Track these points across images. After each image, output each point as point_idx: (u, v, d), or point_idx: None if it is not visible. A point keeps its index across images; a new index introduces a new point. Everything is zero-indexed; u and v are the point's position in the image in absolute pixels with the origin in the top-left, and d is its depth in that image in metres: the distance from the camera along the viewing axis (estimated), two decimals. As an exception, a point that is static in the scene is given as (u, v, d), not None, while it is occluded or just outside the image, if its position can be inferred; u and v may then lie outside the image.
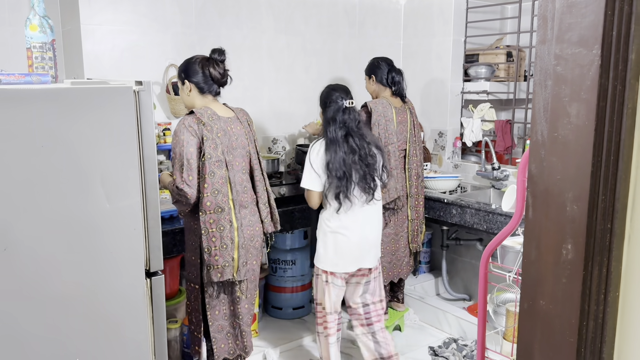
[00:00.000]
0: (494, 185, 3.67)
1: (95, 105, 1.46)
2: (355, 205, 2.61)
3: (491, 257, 1.72)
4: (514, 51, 3.92)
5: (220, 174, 2.29)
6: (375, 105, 3.13)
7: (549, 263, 0.98)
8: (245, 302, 2.51)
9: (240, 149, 2.42)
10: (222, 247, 2.31)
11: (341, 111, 2.59)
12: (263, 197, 2.52)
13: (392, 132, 3.15)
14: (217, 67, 2.39)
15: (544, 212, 0.98)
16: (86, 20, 2.92)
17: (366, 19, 4.05)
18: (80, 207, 1.48)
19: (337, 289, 2.74)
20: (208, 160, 2.26)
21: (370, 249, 2.72)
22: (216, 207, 2.29)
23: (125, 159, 1.52)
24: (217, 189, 2.28)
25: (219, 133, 2.30)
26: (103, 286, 1.56)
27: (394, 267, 3.30)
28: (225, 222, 2.30)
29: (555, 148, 0.95)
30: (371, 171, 2.61)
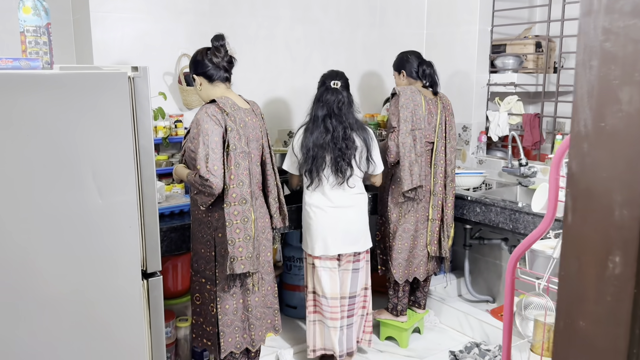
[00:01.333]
0: (520, 183, 3.49)
1: (87, 92, 1.35)
2: (325, 186, 2.73)
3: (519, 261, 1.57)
4: (544, 41, 3.73)
5: (245, 165, 2.26)
6: (404, 90, 3.02)
7: (592, 277, 0.82)
8: (256, 295, 2.45)
9: (255, 142, 2.38)
10: (246, 238, 2.26)
11: (326, 91, 2.72)
12: (273, 192, 2.47)
13: (420, 117, 3.02)
14: (218, 53, 2.33)
15: (587, 216, 0.82)
16: (95, 8, 2.82)
17: (387, 7, 3.89)
18: (70, 203, 1.37)
19: (329, 271, 2.81)
20: (233, 151, 2.22)
21: (352, 235, 2.79)
22: (241, 198, 2.25)
23: (119, 150, 1.41)
24: (241, 180, 2.24)
25: (241, 124, 2.28)
26: (96, 288, 1.45)
27: (410, 265, 3.15)
28: (248, 214, 2.27)
29: (602, 140, 0.79)
30: (346, 156, 2.68)
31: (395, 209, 3.08)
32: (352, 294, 2.90)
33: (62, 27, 2.99)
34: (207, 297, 2.43)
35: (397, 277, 3.12)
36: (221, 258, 2.32)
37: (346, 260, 2.87)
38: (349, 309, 2.91)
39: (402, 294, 3.20)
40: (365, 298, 2.98)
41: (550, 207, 1.44)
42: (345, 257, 2.87)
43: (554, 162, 1.42)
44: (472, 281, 3.80)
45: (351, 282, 2.89)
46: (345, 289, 2.89)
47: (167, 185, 2.94)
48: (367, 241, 2.91)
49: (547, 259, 1.56)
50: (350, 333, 2.93)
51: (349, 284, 2.89)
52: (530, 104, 4.22)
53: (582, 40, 0.82)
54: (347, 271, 2.88)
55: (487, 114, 3.87)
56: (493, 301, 3.73)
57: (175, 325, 2.90)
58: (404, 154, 2.95)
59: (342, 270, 2.88)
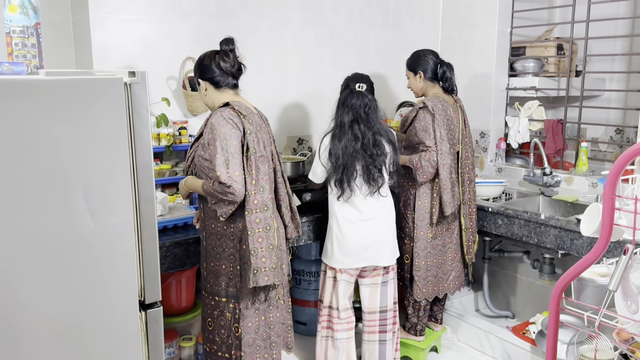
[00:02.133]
0: (543, 193, 3.30)
1: (77, 100, 1.18)
2: (357, 196, 2.58)
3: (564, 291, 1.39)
4: (566, 43, 3.55)
5: (264, 169, 2.13)
6: (435, 104, 2.78)
7: None
8: (277, 311, 2.29)
9: (266, 147, 2.23)
10: (269, 247, 2.10)
11: (351, 95, 2.55)
12: (285, 200, 2.31)
13: (454, 132, 2.85)
14: (227, 58, 2.19)
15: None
16: (95, 9, 2.66)
17: (402, 8, 3.72)
18: (58, 226, 1.20)
19: (346, 284, 2.69)
20: (253, 154, 2.08)
21: (381, 245, 2.64)
22: (263, 205, 2.10)
23: (113, 167, 1.24)
24: (262, 185, 2.10)
25: (258, 128, 2.16)
26: (89, 321, 1.28)
27: (440, 282, 2.97)
28: (270, 221, 2.12)
29: None
30: (377, 163, 2.55)
31: (426, 228, 2.88)
32: (382, 308, 2.76)
33: (61, 29, 2.83)
34: (227, 319, 2.22)
35: (426, 296, 2.93)
36: (245, 272, 2.15)
37: (374, 274, 2.72)
38: (380, 324, 2.77)
39: (422, 313, 3.01)
40: (396, 313, 2.82)
41: (605, 231, 1.26)
42: (372, 271, 2.72)
43: (610, 180, 1.24)
44: (491, 295, 3.61)
45: (381, 295, 2.75)
46: (375, 303, 2.75)
47: (170, 196, 2.78)
48: (396, 251, 2.76)
49: (597, 288, 1.38)
50: (384, 349, 2.79)
51: (379, 298, 2.75)
52: (552, 109, 4.04)
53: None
54: (377, 285, 2.74)
55: (506, 119, 3.69)
56: (513, 317, 3.54)
57: (178, 345, 2.74)
58: (445, 177, 2.76)
59: (371, 284, 2.74)
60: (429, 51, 2.92)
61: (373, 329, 2.79)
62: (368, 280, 2.74)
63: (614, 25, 3.64)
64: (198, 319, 2.93)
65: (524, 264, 3.42)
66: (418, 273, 2.90)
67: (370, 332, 2.80)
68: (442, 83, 2.88)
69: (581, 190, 3.20)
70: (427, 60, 2.87)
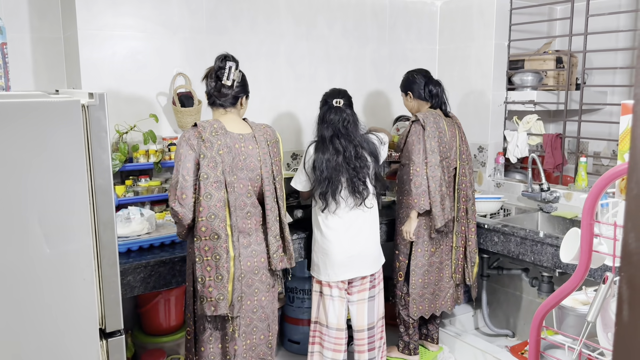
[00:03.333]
0: (542, 209, 3.22)
1: (31, 124, 1.14)
2: (342, 208, 2.59)
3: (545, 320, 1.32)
4: (565, 56, 3.48)
5: (219, 196, 2.02)
6: (427, 117, 2.78)
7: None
8: (239, 343, 2.15)
9: (247, 171, 2.12)
10: (217, 278, 2.02)
11: (329, 111, 2.58)
12: (273, 229, 2.17)
13: (446, 145, 2.83)
14: (210, 79, 2.16)
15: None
16: (84, 25, 2.65)
17: (397, 22, 3.68)
18: (12, 252, 1.16)
19: (336, 301, 2.66)
20: (204, 180, 2.01)
21: (367, 255, 2.65)
22: (212, 233, 2.02)
23: (70, 191, 1.20)
24: (213, 212, 2.01)
25: (220, 150, 2.04)
26: (46, 351, 1.24)
27: (436, 299, 2.93)
28: (221, 251, 2.02)
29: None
30: (360, 175, 2.56)
31: (422, 245, 2.84)
32: (370, 324, 2.74)
33: (52, 46, 2.82)
34: (187, 339, 2.24)
35: (423, 313, 2.88)
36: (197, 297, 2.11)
37: (361, 289, 2.70)
38: (369, 341, 2.75)
39: (412, 330, 2.95)
40: (382, 328, 2.82)
41: (583, 258, 1.20)
42: (359, 285, 2.70)
43: (587, 205, 1.18)
44: (490, 313, 3.52)
45: (368, 312, 2.73)
46: (363, 320, 2.73)
47: (159, 214, 2.74)
48: (380, 259, 2.76)
49: (578, 317, 1.32)
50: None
51: (366, 314, 2.73)
52: (551, 123, 3.97)
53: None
54: (363, 301, 2.72)
55: (505, 133, 3.63)
56: (513, 335, 3.45)
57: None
58: (435, 189, 2.73)
59: (357, 301, 2.71)
60: (419, 71, 2.96)
61: (363, 348, 2.75)
62: (355, 297, 2.71)
63: (615, 37, 3.57)
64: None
65: (523, 282, 3.34)
66: (414, 290, 2.84)
67: (360, 352, 2.76)
68: (431, 100, 2.88)
69: (580, 206, 3.11)
70: (416, 81, 2.91)
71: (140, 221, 2.48)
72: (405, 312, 2.93)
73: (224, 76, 2.11)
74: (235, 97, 2.17)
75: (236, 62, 2.15)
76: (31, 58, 2.76)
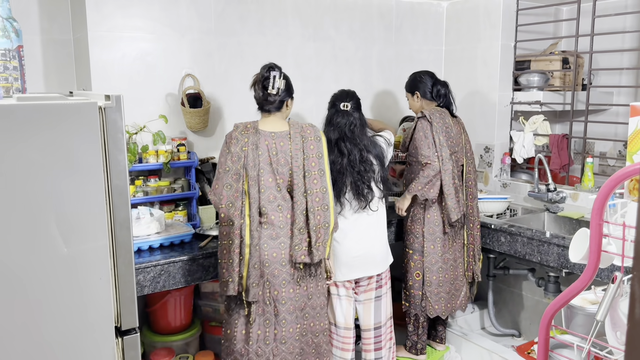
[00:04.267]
0: (548, 209, 3.23)
1: (50, 125, 1.17)
2: (347, 210, 2.61)
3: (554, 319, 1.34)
4: (571, 57, 3.49)
5: (237, 187, 2.23)
6: (433, 113, 2.82)
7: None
8: (261, 329, 2.23)
9: (277, 166, 2.25)
10: (229, 261, 2.21)
11: (336, 114, 2.61)
12: (298, 222, 2.26)
13: (454, 140, 2.86)
14: (258, 88, 2.32)
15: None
16: (94, 27, 2.68)
17: (404, 23, 3.70)
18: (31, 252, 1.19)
19: (343, 300, 2.69)
20: (225, 173, 2.24)
21: (373, 256, 2.67)
22: (228, 219, 2.22)
23: (87, 192, 1.23)
24: (231, 201, 2.22)
25: (245, 147, 2.25)
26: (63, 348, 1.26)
27: (453, 298, 2.94)
28: (234, 236, 2.20)
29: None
30: (365, 179, 2.58)
31: (435, 241, 2.85)
32: (377, 324, 2.76)
33: (61, 48, 2.85)
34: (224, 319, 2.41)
35: (440, 312, 2.90)
36: None
37: (367, 289, 2.73)
38: (376, 341, 2.77)
39: (422, 330, 2.97)
40: (391, 328, 2.83)
41: (592, 258, 1.21)
42: (366, 285, 2.72)
43: (596, 205, 1.19)
44: (497, 313, 3.54)
45: (375, 311, 2.75)
46: (370, 320, 2.75)
47: (168, 213, 2.77)
48: (387, 259, 2.77)
49: (587, 317, 1.33)
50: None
51: (373, 314, 2.75)
52: (557, 123, 3.97)
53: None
54: (370, 301, 2.74)
55: (511, 134, 3.64)
56: (519, 335, 3.46)
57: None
58: (448, 182, 2.76)
59: (364, 300, 2.74)
60: (426, 72, 3.00)
61: (369, 347, 2.77)
62: (362, 297, 2.74)
63: (621, 38, 3.58)
64: (195, 338, 2.90)
65: (529, 282, 3.35)
66: (430, 289, 2.86)
67: (367, 351, 2.78)
68: (438, 100, 2.90)
69: (587, 207, 3.13)
70: (422, 81, 2.95)
71: (149, 221, 2.50)
72: (419, 310, 2.93)
73: (270, 85, 2.27)
74: (281, 101, 2.34)
75: (279, 70, 2.31)
76: (41, 60, 2.79)
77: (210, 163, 2.98)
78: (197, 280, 2.51)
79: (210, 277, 2.54)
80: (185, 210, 2.86)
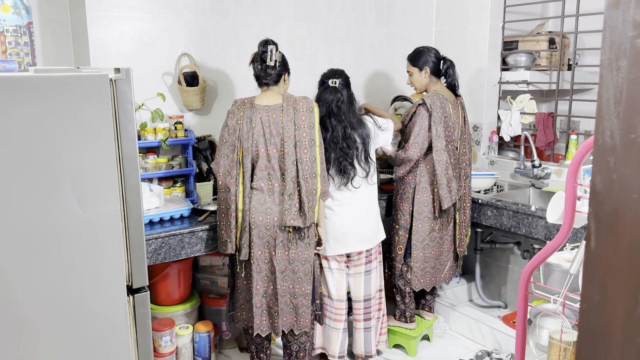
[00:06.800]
0: (534, 185, 3.36)
1: (65, 96, 1.25)
2: (331, 185, 2.69)
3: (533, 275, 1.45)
4: (557, 37, 3.59)
5: (232, 157, 2.44)
6: (433, 102, 2.85)
7: (619, 314, 0.71)
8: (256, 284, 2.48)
9: (270, 137, 2.43)
10: (227, 224, 2.46)
11: (325, 91, 2.70)
12: (288, 188, 2.43)
13: (451, 129, 2.93)
14: (256, 62, 2.47)
15: (613, 243, 0.71)
16: (92, 7, 2.73)
17: (395, 4, 3.77)
18: (49, 215, 1.28)
19: (335, 273, 2.80)
20: (223, 144, 2.47)
21: (361, 234, 2.76)
22: (225, 187, 2.45)
23: (100, 158, 1.32)
24: (227, 170, 2.45)
25: (240, 120, 2.44)
26: (78, 305, 1.36)
27: (437, 272, 3.08)
28: (230, 202, 2.44)
29: (632, 155, 0.68)
30: (348, 156, 2.65)
31: (424, 221, 2.96)
32: (366, 296, 2.88)
33: (59, 27, 2.91)
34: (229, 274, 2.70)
35: (424, 285, 3.04)
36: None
37: (357, 263, 2.85)
38: (365, 312, 2.90)
39: (409, 299, 3.10)
40: (381, 300, 2.97)
41: (567, 218, 1.32)
42: (356, 260, 2.84)
43: (571, 169, 1.30)
44: (484, 286, 3.67)
45: (364, 284, 2.87)
46: (360, 292, 2.87)
47: (166, 189, 2.86)
48: (378, 235, 2.87)
49: (564, 273, 1.45)
50: (369, 337, 2.92)
51: (363, 286, 2.87)
52: (544, 102, 4.08)
53: (608, 36, 0.71)
54: (360, 274, 2.86)
55: (499, 113, 3.74)
56: (505, 307, 3.60)
57: (175, 333, 2.81)
58: (441, 173, 2.85)
59: (354, 274, 2.86)
60: (431, 48, 2.98)
61: (359, 317, 2.91)
62: (352, 270, 2.86)
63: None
64: (194, 309, 3.01)
65: (515, 255, 3.48)
66: (416, 264, 2.98)
67: (357, 321, 2.92)
68: (446, 79, 2.95)
69: (571, 182, 3.25)
70: (430, 56, 2.93)
71: (149, 196, 2.59)
72: (402, 282, 3.06)
73: (267, 58, 2.41)
74: (278, 75, 2.49)
75: (275, 44, 2.46)
76: (39, 39, 2.84)
77: (207, 141, 3.06)
78: (197, 252, 2.61)
79: (209, 250, 2.64)
80: (183, 187, 2.94)
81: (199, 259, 3.07)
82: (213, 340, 2.92)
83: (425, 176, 2.92)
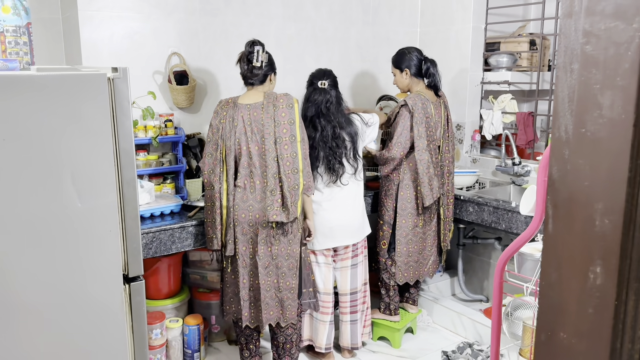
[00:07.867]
0: (514, 182, 3.46)
1: (65, 94, 1.32)
2: (320, 183, 2.79)
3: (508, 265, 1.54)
4: (538, 39, 3.70)
5: (215, 155, 2.51)
6: (415, 103, 2.94)
7: (573, 288, 0.80)
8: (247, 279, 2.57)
9: (251, 134, 2.48)
10: (212, 221, 2.53)
11: (314, 92, 2.77)
12: (270, 184, 2.48)
13: (432, 129, 3.02)
14: (242, 62, 2.53)
15: (567, 225, 0.80)
16: (84, 6, 2.79)
17: (381, 5, 3.86)
18: (49, 207, 1.34)
19: (322, 267, 2.89)
20: (207, 143, 2.55)
21: (347, 228, 2.85)
22: (210, 184, 2.52)
23: (99, 153, 1.38)
24: (212, 168, 2.52)
25: (223, 120, 2.50)
26: (76, 294, 1.43)
27: (420, 266, 3.17)
28: (215, 200, 2.50)
29: (583, 147, 0.77)
30: (337, 155, 2.74)
31: (407, 217, 3.05)
32: (353, 290, 2.98)
33: (51, 26, 2.95)
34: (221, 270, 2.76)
35: (408, 279, 3.13)
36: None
37: (344, 257, 2.93)
38: (351, 305, 2.99)
39: (393, 292, 3.19)
40: (365, 293, 3.06)
41: (538, 210, 1.42)
42: (343, 254, 2.92)
43: (541, 165, 1.39)
44: (466, 281, 3.78)
45: (351, 278, 2.96)
46: (346, 285, 2.97)
47: (157, 186, 2.92)
48: (363, 230, 2.95)
49: (535, 262, 1.54)
50: (355, 329, 3.01)
51: (349, 280, 2.96)
52: (524, 102, 4.20)
53: (563, 43, 0.80)
54: (346, 268, 2.95)
55: (481, 112, 3.85)
56: (487, 301, 3.71)
57: (166, 326, 2.88)
58: (422, 171, 2.95)
59: (341, 268, 2.95)
60: (413, 48, 3.07)
61: (345, 310, 3.00)
62: (339, 264, 2.95)
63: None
64: (184, 302, 3.08)
65: (497, 250, 3.59)
66: (400, 259, 3.07)
67: (343, 314, 3.01)
68: (426, 79, 3.03)
69: (549, 180, 3.36)
70: (411, 57, 3.02)
71: (140, 192, 2.65)
72: (386, 275, 3.16)
73: (254, 58, 2.48)
74: (264, 75, 2.55)
75: (262, 45, 2.52)
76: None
77: (196, 138, 3.12)
78: (187, 247, 2.67)
79: (199, 245, 2.71)
80: (173, 183, 3.01)
81: (189, 253, 3.13)
82: (202, 333, 2.99)
83: (408, 174, 3.01)
